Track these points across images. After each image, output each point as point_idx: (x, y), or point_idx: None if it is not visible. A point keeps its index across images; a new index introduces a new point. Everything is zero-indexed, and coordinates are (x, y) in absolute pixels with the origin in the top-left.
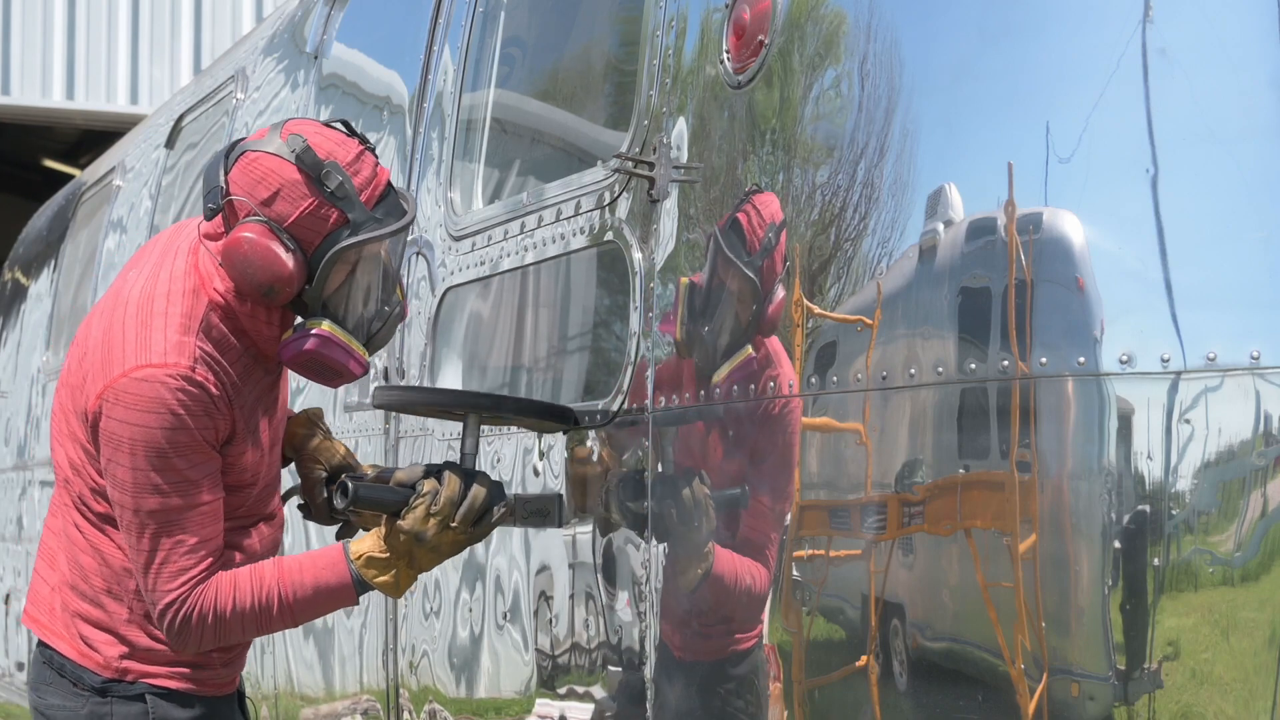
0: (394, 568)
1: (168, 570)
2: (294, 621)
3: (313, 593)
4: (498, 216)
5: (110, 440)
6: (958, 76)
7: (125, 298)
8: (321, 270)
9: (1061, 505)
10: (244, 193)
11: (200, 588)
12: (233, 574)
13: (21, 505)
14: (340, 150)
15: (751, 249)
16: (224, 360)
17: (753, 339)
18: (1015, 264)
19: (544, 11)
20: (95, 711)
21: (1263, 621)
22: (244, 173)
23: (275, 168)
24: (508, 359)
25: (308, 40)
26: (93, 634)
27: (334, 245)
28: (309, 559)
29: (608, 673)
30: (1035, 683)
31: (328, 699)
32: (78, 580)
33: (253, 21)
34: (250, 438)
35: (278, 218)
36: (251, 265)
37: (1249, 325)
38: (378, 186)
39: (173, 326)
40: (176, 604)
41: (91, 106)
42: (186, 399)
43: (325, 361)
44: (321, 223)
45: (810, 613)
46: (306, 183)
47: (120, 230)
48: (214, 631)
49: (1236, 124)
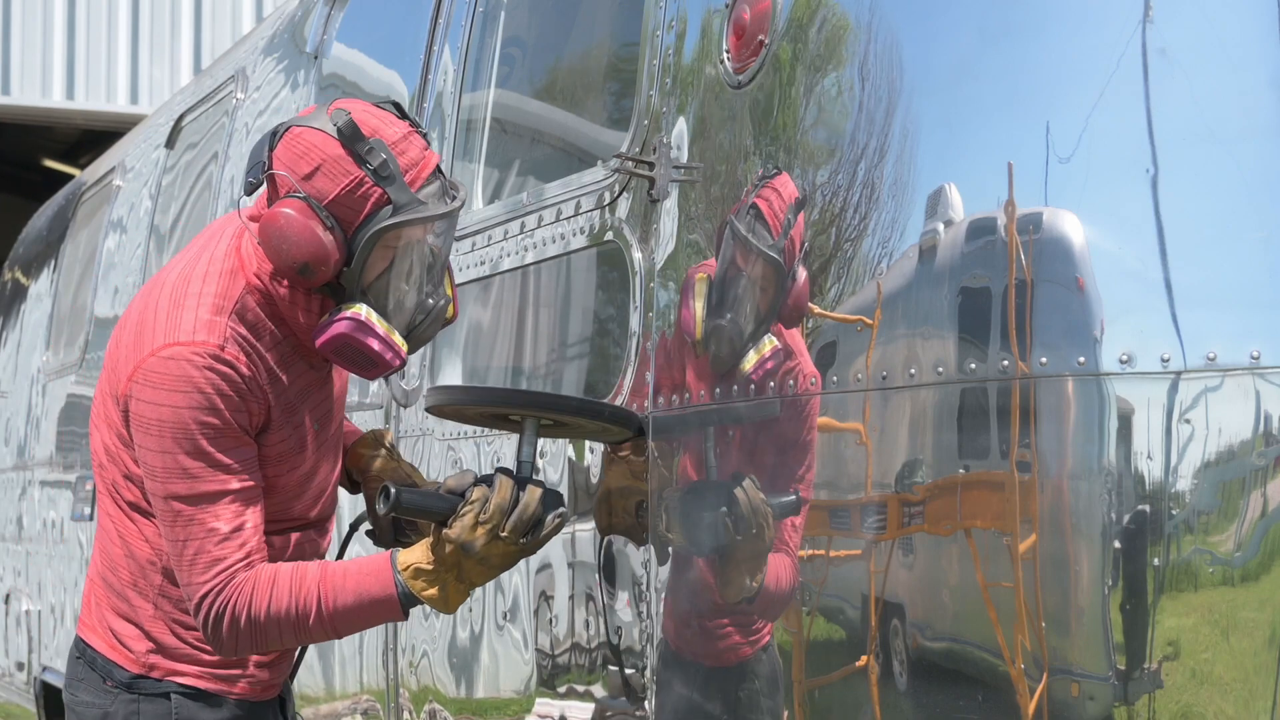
0: (441, 580)
1: (201, 560)
2: (334, 630)
3: (354, 600)
4: (498, 216)
5: (139, 423)
6: (958, 76)
7: (164, 280)
8: (360, 252)
9: (1061, 505)
10: (286, 168)
11: (236, 580)
12: (273, 570)
13: (21, 505)
14: (386, 129)
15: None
16: (259, 344)
17: (768, 336)
18: (1015, 264)
19: (544, 11)
20: (124, 710)
21: (1263, 621)
22: (287, 148)
23: (318, 143)
24: (508, 359)
25: (308, 40)
26: (122, 627)
27: (374, 226)
28: (354, 565)
29: (608, 673)
30: (1035, 683)
31: (328, 699)
32: (107, 572)
33: (253, 21)
34: (289, 430)
35: (318, 194)
36: (287, 241)
37: (1249, 325)
38: (425, 169)
39: (205, 306)
40: (211, 595)
41: (91, 106)
42: (216, 377)
43: (358, 346)
44: (362, 201)
45: (810, 613)
46: (349, 159)
47: (120, 230)
48: (249, 632)
49: (1236, 124)
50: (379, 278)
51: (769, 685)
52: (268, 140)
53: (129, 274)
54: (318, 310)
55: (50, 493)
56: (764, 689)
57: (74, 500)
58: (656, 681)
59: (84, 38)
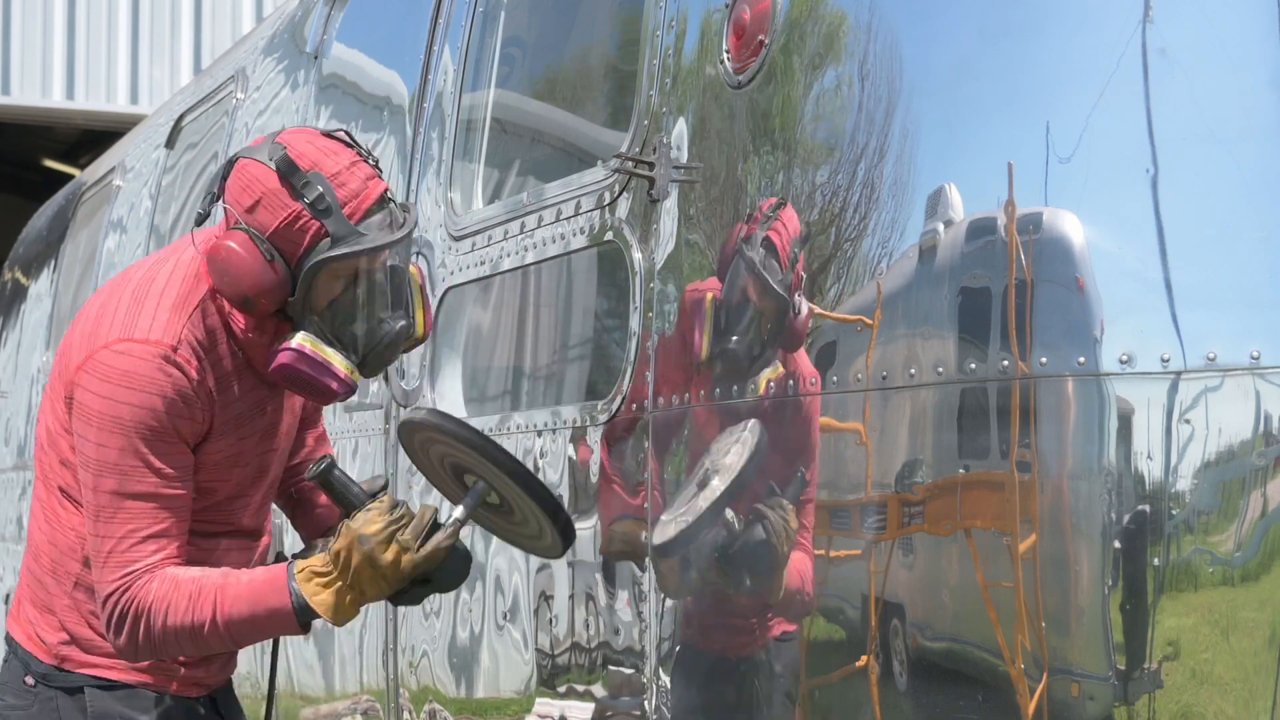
0: (334, 584)
1: (114, 560)
2: (232, 641)
3: (249, 610)
4: (498, 216)
5: (81, 413)
6: (958, 76)
7: (130, 277)
8: (302, 283)
9: (1061, 505)
10: (232, 200)
11: (141, 581)
12: (176, 574)
13: (21, 505)
14: (328, 160)
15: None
16: (214, 350)
17: (774, 341)
18: (1015, 264)
19: (544, 11)
20: (44, 708)
21: (1263, 621)
22: (235, 179)
23: (259, 175)
24: (508, 359)
25: (308, 40)
26: (38, 617)
27: (314, 258)
28: (255, 573)
29: (608, 673)
30: (1035, 683)
31: (328, 699)
32: (30, 560)
33: (253, 21)
34: (232, 440)
35: (260, 227)
36: (230, 274)
37: (1249, 325)
38: (366, 200)
39: (164, 307)
40: (116, 595)
41: (91, 106)
42: (164, 378)
43: (302, 377)
44: (301, 234)
45: (810, 612)
46: (285, 193)
47: (120, 230)
48: (147, 637)
49: (1236, 124)
50: (329, 305)
51: (770, 685)
52: (223, 170)
53: None
54: (271, 332)
55: None
56: (765, 688)
57: None
58: (659, 681)
59: (84, 38)
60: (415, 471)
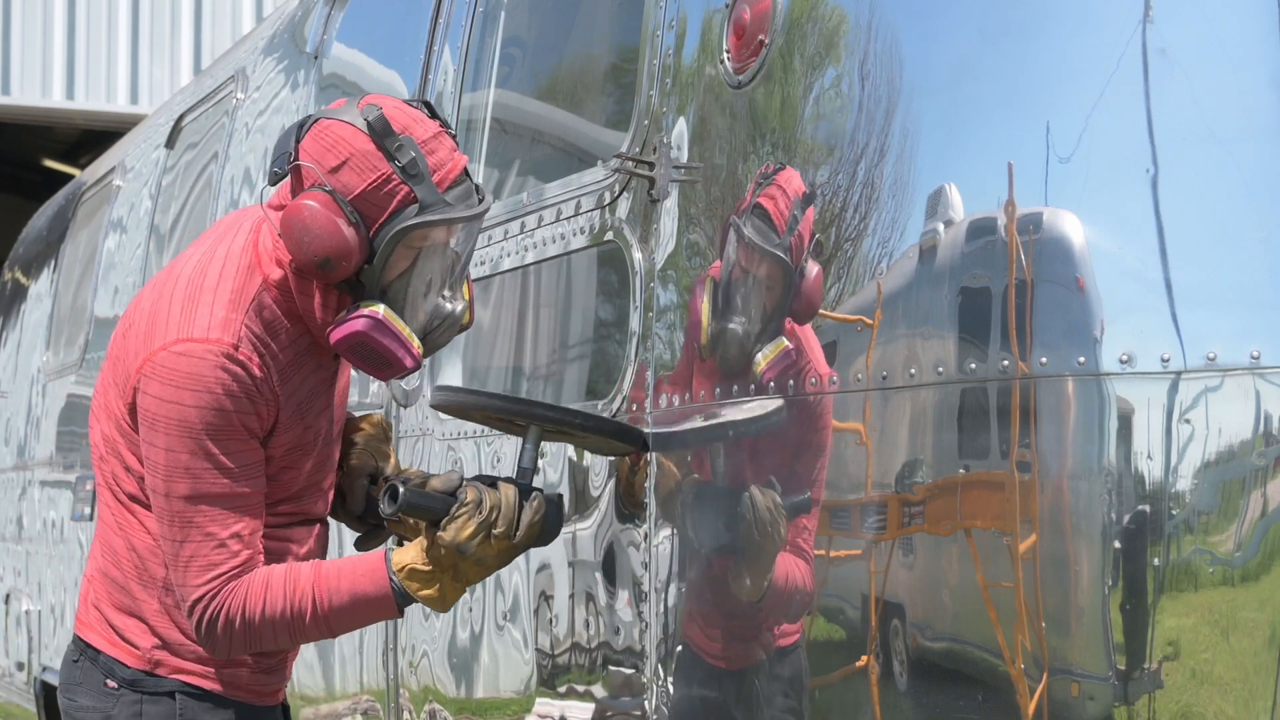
0: (438, 581)
1: (196, 564)
2: (330, 631)
3: (349, 600)
4: (498, 216)
5: (146, 418)
6: (958, 76)
7: (178, 272)
8: (383, 250)
9: (1061, 505)
10: (313, 160)
11: (230, 585)
12: (266, 573)
13: (21, 505)
14: (417, 127)
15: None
16: (273, 344)
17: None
18: (1015, 264)
19: (544, 11)
20: (127, 711)
21: (1263, 621)
22: (315, 139)
23: (347, 136)
24: (508, 358)
25: (308, 40)
26: (124, 622)
27: (399, 224)
28: (348, 565)
29: (608, 672)
30: (1035, 683)
31: (328, 699)
32: (109, 565)
33: (253, 21)
34: (299, 431)
35: (344, 188)
36: (309, 234)
37: (1249, 325)
38: (453, 170)
39: (220, 303)
40: (205, 600)
41: (91, 106)
42: (227, 377)
43: (374, 346)
44: (388, 198)
45: (810, 612)
46: (378, 154)
47: (120, 230)
48: (244, 635)
49: (1236, 124)
50: (399, 278)
51: (769, 684)
52: (294, 131)
53: (129, 274)
54: (334, 306)
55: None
56: (765, 688)
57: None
58: (659, 681)
59: (84, 38)
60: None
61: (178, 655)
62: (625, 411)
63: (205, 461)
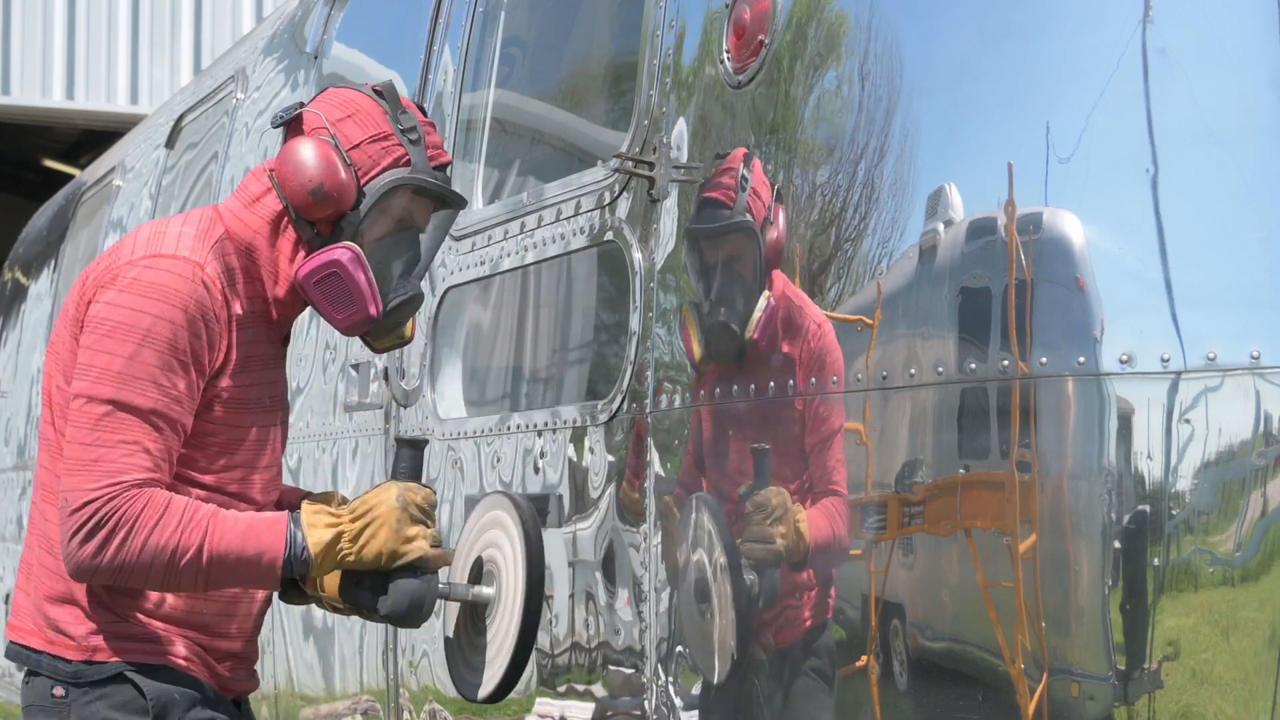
0: (341, 526)
1: (100, 468)
2: (205, 579)
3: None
4: (498, 216)
5: (92, 323)
6: (958, 76)
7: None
8: (370, 197)
9: (1061, 505)
10: (321, 109)
11: (131, 493)
12: (168, 496)
13: (21, 505)
14: (416, 113)
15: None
16: (232, 286)
17: (757, 335)
18: (1015, 264)
19: (544, 11)
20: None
21: (1263, 621)
22: (325, 98)
23: (356, 97)
24: (508, 359)
25: (308, 40)
26: (60, 613)
27: (391, 177)
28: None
29: (608, 672)
30: (1035, 683)
31: (328, 699)
32: (43, 554)
33: (253, 21)
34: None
35: (345, 138)
36: (307, 163)
37: (1249, 325)
38: (441, 158)
39: (187, 236)
40: (97, 503)
41: (91, 106)
42: (189, 293)
43: (346, 279)
44: (384, 153)
45: (810, 612)
46: (382, 115)
47: (120, 230)
48: (119, 551)
49: (1236, 124)
50: (375, 242)
51: (769, 684)
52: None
53: None
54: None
55: None
56: (764, 688)
57: None
58: (659, 681)
59: (84, 38)
60: None
61: (114, 636)
62: (625, 411)
63: (141, 372)
